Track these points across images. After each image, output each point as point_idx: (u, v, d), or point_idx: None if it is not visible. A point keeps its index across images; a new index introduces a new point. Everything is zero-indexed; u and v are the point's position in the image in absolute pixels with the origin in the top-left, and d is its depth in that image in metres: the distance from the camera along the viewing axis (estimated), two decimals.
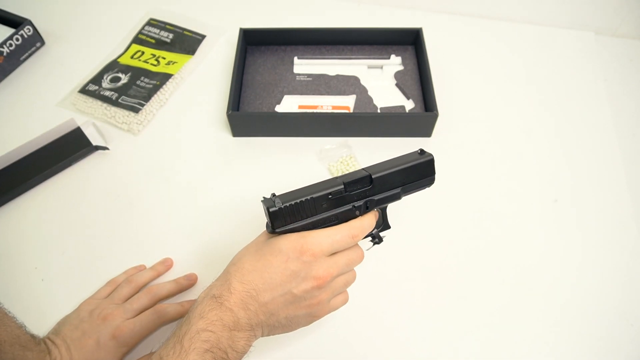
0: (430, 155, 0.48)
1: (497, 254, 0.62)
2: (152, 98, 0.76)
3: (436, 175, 0.49)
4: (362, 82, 0.78)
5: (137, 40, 0.86)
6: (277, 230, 0.44)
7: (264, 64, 0.81)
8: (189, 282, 0.58)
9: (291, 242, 0.43)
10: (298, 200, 0.43)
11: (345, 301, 0.48)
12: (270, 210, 0.43)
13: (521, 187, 0.68)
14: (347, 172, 0.68)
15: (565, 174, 0.70)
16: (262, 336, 0.45)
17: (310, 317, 0.46)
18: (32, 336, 0.48)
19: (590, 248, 0.63)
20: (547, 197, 0.68)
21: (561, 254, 0.62)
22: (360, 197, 0.46)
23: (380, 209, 0.49)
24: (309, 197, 0.44)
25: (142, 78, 0.79)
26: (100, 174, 0.69)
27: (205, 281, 0.59)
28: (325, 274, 0.43)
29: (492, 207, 0.66)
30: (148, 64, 0.81)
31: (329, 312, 0.47)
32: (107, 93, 0.77)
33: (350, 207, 0.46)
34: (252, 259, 0.44)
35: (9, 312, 0.48)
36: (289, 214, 0.43)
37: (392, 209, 0.51)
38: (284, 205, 0.43)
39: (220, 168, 0.70)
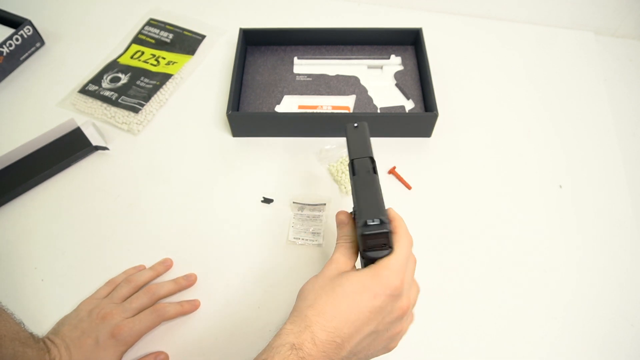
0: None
1: (497, 254, 0.62)
2: (152, 98, 0.76)
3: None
4: (362, 82, 0.78)
5: (137, 40, 0.86)
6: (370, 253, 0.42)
7: (264, 64, 0.81)
8: (189, 282, 0.58)
9: (376, 276, 0.40)
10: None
11: (412, 320, 0.45)
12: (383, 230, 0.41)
13: (521, 187, 0.68)
14: (347, 172, 0.68)
15: (565, 174, 0.70)
16: None
17: (385, 350, 0.43)
18: (31, 334, 0.48)
19: (591, 249, 0.63)
20: (547, 196, 0.68)
21: (561, 255, 0.62)
22: None
23: None
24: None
25: (142, 78, 0.79)
26: (100, 174, 0.69)
27: (205, 281, 0.59)
28: (407, 303, 0.41)
29: (492, 208, 0.66)
30: (148, 64, 0.81)
31: (402, 337, 0.44)
32: (107, 93, 0.77)
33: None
34: (333, 300, 0.39)
35: (7, 308, 0.48)
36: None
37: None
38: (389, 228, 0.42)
39: (220, 168, 0.70)
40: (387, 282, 0.39)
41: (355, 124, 0.51)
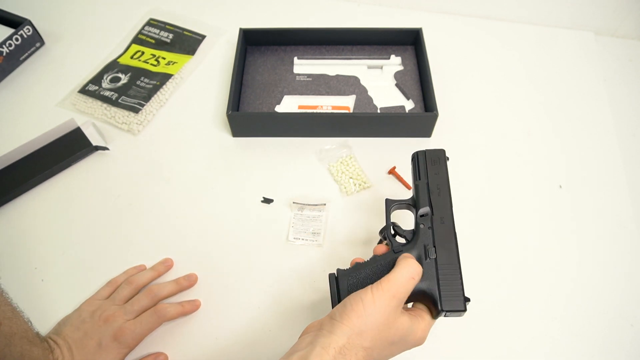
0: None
1: (497, 254, 0.62)
2: (152, 98, 0.76)
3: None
4: (362, 82, 0.78)
5: (137, 40, 0.86)
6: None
7: (264, 64, 0.81)
8: (189, 282, 0.59)
9: (415, 337, 0.45)
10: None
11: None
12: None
13: (521, 187, 0.68)
14: (347, 172, 0.68)
15: (565, 174, 0.70)
16: None
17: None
18: (37, 334, 0.49)
19: (590, 249, 0.63)
20: (547, 196, 0.68)
21: (561, 255, 0.62)
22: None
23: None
24: None
25: (142, 78, 0.79)
26: (100, 174, 0.69)
27: (205, 281, 0.59)
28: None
29: (492, 207, 0.66)
30: (148, 64, 0.81)
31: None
32: (107, 93, 0.77)
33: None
34: (380, 337, 0.42)
35: (17, 307, 0.48)
36: None
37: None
38: None
39: (220, 168, 0.70)
40: (419, 341, 0.46)
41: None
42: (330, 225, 0.64)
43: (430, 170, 0.52)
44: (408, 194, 0.67)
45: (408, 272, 0.44)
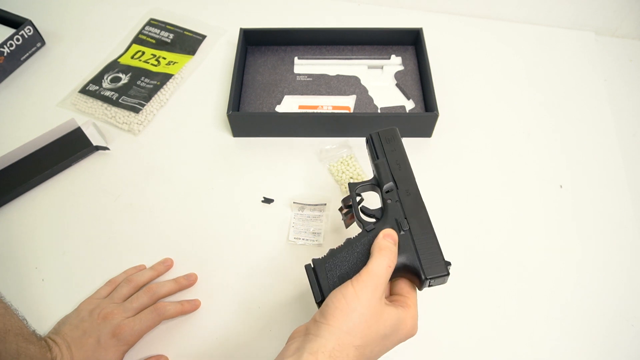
0: None
1: (497, 254, 0.62)
2: (153, 98, 0.76)
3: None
4: (363, 82, 0.78)
5: (137, 40, 0.86)
6: None
7: (264, 64, 0.81)
8: (189, 282, 0.59)
9: (403, 327, 0.43)
10: None
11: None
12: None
13: (522, 187, 0.68)
14: (347, 172, 0.68)
15: (565, 174, 0.70)
16: None
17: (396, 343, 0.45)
18: (34, 332, 0.49)
19: (591, 249, 0.63)
20: (548, 196, 0.68)
21: (561, 255, 0.62)
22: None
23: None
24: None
25: (142, 78, 0.79)
26: (100, 174, 0.70)
27: (205, 281, 0.59)
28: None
29: (493, 207, 0.66)
30: (148, 64, 0.81)
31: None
32: (108, 93, 0.77)
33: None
34: (369, 331, 0.41)
35: (11, 305, 0.48)
36: None
37: None
38: None
39: (221, 168, 0.70)
40: (412, 330, 0.44)
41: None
42: (331, 225, 0.64)
43: (386, 148, 0.52)
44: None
45: (384, 261, 0.43)
